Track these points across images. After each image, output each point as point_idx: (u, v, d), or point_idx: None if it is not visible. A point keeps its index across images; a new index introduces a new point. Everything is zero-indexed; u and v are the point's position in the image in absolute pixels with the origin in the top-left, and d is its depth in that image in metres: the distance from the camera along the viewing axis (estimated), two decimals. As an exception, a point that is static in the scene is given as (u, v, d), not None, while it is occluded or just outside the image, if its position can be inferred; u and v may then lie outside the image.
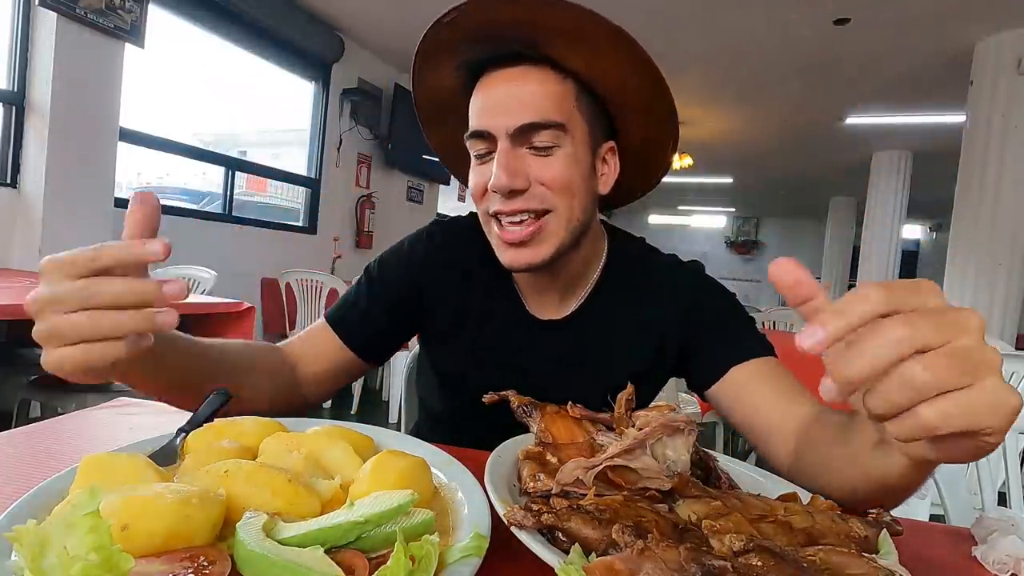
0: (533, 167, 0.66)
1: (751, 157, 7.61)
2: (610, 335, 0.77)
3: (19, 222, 2.85)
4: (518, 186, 0.65)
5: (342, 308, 0.80)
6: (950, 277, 4.05)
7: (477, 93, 0.69)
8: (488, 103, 0.67)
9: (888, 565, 0.37)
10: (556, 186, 0.67)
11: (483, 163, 0.69)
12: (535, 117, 0.65)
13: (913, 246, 12.02)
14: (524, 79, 0.66)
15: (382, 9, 4.12)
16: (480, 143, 0.68)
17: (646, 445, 0.48)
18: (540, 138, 0.66)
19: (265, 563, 0.31)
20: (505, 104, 0.66)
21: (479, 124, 0.68)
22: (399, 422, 3.39)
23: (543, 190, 0.67)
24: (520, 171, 0.66)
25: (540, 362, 0.77)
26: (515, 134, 0.65)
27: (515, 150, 0.66)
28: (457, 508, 0.43)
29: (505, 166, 0.65)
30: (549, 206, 0.67)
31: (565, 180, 0.67)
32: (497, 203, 0.67)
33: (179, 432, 0.51)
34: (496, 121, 0.66)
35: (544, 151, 0.66)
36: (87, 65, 2.93)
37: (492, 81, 0.68)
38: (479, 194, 0.70)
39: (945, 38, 3.80)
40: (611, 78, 0.68)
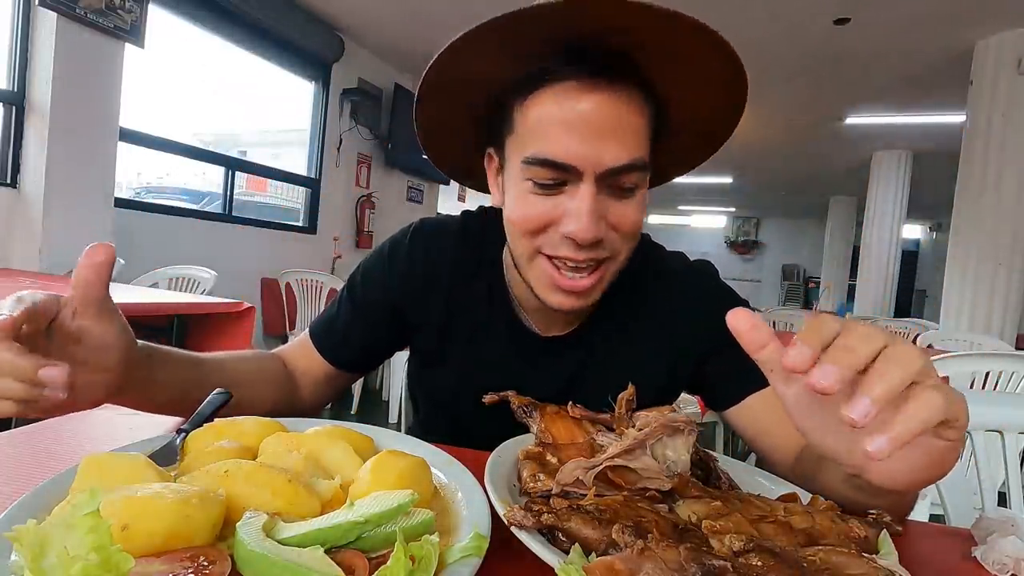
0: (611, 212, 0.58)
1: (751, 157, 7.61)
2: (621, 349, 0.72)
3: (19, 222, 2.85)
4: (600, 236, 0.57)
5: (324, 324, 0.77)
6: (950, 277, 4.05)
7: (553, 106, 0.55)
8: (572, 130, 0.55)
9: (888, 565, 0.37)
10: (630, 233, 0.59)
11: (549, 195, 0.58)
12: (629, 159, 0.55)
13: (913, 246, 12.02)
14: (619, 105, 0.55)
15: (382, 9, 4.12)
16: (551, 173, 0.56)
17: (646, 445, 0.48)
18: (629, 180, 0.57)
19: (265, 563, 0.31)
20: (596, 136, 0.54)
21: (562, 154, 0.55)
22: (399, 422, 3.39)
23: (615, 237, 0.59)
24: (602, 219, 0.57)
25: (543, 382, 0.70)
26: (604, 175, 0.55)
27: (599, 192, 0.56)
28: (457, 508, 0.43)
29: (592, 213, 0.55)
30: (614, 253, 0.60)
31: (639, 226, 0.60)
32: (565, 249, 0.58)
33: (179, 432, 0.51)
34: (587, 156, 0.54)
35: (626, 194, 0.58)
36: (87, 65, 2.93)
37: (579, 99, 0.55)
38: (535, 229, 0.59)
39: (945, 38, 3.79)
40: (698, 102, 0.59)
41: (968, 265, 3.90)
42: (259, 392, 0.67)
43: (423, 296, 0.74)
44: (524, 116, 0.58)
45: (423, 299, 0.74)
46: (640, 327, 0.72)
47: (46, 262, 2.82)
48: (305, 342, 0.77)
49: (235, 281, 3.38)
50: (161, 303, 1.62)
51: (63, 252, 2.87)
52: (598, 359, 0.72)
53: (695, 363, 0.72)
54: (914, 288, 11.95)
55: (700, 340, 0.70)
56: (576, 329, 0.72)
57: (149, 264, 2.85)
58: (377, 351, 0.80)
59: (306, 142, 4.78)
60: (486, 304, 0.73)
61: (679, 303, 0.72)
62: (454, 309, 0.74)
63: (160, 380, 0.56)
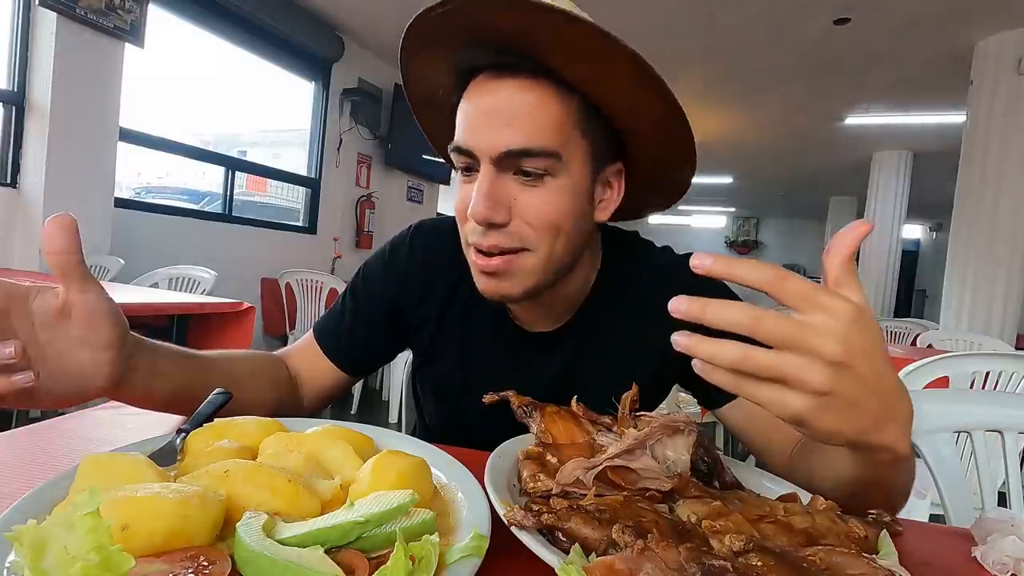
0: (518, 198, 0.59)
1: (751, 157, 7.62)
2: (609, 345, 0.73)
3: (19, 222, 2.86)
4: (497, 220, 0.58)
5: (329, 324, 0.78)
6: (950, 277, 4.05)
7: (466, 99, 0.61)
8: (474, 117, 0.59)
9: (888, 565, 0.37)
10: (539, 223, 0.59)
11: (467, 181, 0.62)
12: (525, 143, 0.57)
13: (913, 246, 12.02)
14: (520, 93, 0.57)
15: (382, 9, 4.12)
16: (463, 158, 0.61)
17: (646, 445, 0.48)
18: (529, 164, 0.58)
19: (265, 563, 0.31)
20: (492, 122, 0.58)
21: (461, 140, 0.60)
22: (399, 422, 3.38)
23: (523, 226, 0.59)
24: (502, 202, 0.58)
25: (533, 378, 0.72)
26: (499, 159, 0.58)
27: (500, 176, 0.58)
28: (457, 508, 0.43)
29: (486, 195, 0.57)
30: (527, 246, 0.60)
31: (551, 217, 0.59)
32: (475, 235, 0.60)
33: (179, 432, 0.51)
34: (480, 141, 0.58)
35: (532, 179, 0.59)
36: (87, 65, 2.93)
37: (483, 90, 0.59)
38: (461, 216, 0.62)
39: (945, 38, 3.80)
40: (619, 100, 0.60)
41: (968, 265, 3.91)
42: (259, 391, 0.67)
43: (421, 296, 0.76)
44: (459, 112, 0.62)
45: (421, 299, 0.76)
46: (628, 323, 0.72)
47: (46, 262, 2.82)
48: (310, 344, 0.78)
49: (235, 281, 3.38)
50: (161, 303, 1.62)
51: (63, 252, 2.87)
52: (586, 355, 0.73)
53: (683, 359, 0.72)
54: (914, 288, 11.95)
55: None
56: (562, 326, 0.73)
57: (149, 264, 2.85)
58: (380, 353, 0.81)
59: (306, 142, 4.78)
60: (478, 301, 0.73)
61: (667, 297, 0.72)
62: (449, 307, 0.75)
63: (163, 371, 0.56)
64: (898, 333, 4.29)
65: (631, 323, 0.73)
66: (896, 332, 4.30)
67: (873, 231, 6.52)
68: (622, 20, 3.66)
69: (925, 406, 0.84)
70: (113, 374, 0.49)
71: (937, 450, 0.85)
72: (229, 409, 0.56)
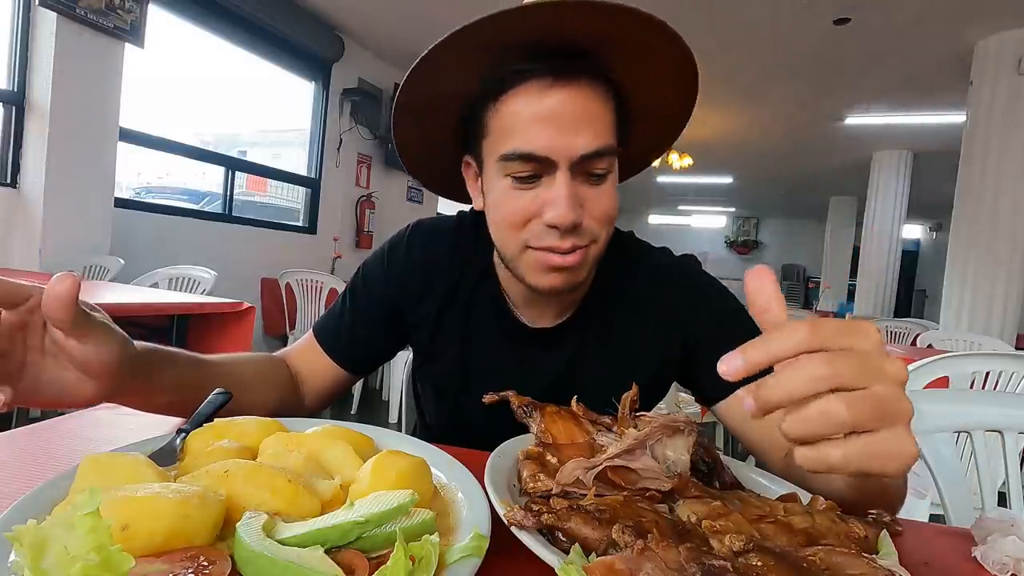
0: (588, 199, 0.61)
1: (751, 157, 7.62)
2: (609, 342, 0.74)
3: (19, 222, 2.86)
4: (580, 221, 0.60)
5: (329, 323, 0.79)
6: (950, 277, 4.05)
7: (524, 106, 0.59)
8: (549, 123, 0.58)
9: (888, 565, 0.37)
10: (605, 219, 0.62)
11: (527, 188, 0.61)
12: (600, 143, 0.58)
13: (913, 246, 12.03)
14: (585, 98, 0.58)
15: (382, 9, 4.12)
16: (527, 166, 0.59)
17: (646, 445, 0.48)
18: (598, 166, 0.60)
19: (265, 563, 0.31)
20: (566, 128, 0.57)
21: (536, 147, 0.58)
22: (399, 422, 3.38)
23: (591, 223, 0.62)
24: (579, 205, 0.60)
25: (535, 374, 0.74)
26: (576, 163, 0.58)
27: (574, 179, 0.60)
28: (457, 508, 0.43)
29: (571, 200, 0.58)
30: (594, 239, 0.63)
31: (612, 211, 0.63)
32: (550, 239, 0.61)
33: (179, 432, 0.51)
34: (560, 146, 0.57)
35: (598, 179, 0.61)
36: (87, 65, 2.93)
37: (547, 96, 0.58)
38: (520, 222, 0.62)
39: (945, 38, 3.80)
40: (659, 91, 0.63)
41: (968, 265, 3.91)
42: (261, 394, 0.67)
43: (420, 294, 0.76)
44: (497, 118, 0.61)
45: (420, 297, 0.76)
46: (627, 321, 0.74)
47: (46, 262, 2.82)
48: (310, 344, 0.78)
49: (235, 281, 3.38)
50: (161, 303, 1.62)
51: (63, 252, 2.87)
52: (587, 352, 0.74)
53: (681, 354, 0.74)
54: (914, 288, 11.95)
55: (686, 331, 0.72)
56: (563, 323, 0.74)
57: (149, 264, 2.85)
58: (380, 352, 0.81)
59: (306, 142, 4.78)
60: (478, 298, 0.75)
61: (664, 296, 0.74)
62: (449, 305, 0.75)
63: (159, 383, 0.56)
64: (898, 333, 4.29)
65: (630, 321, 0.74)
66: (896, 332, 4.30)
67: (872, 231, 6.53)
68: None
69: (925, 406, 0.83)
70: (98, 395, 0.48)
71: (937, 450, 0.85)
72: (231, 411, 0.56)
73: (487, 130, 0.63)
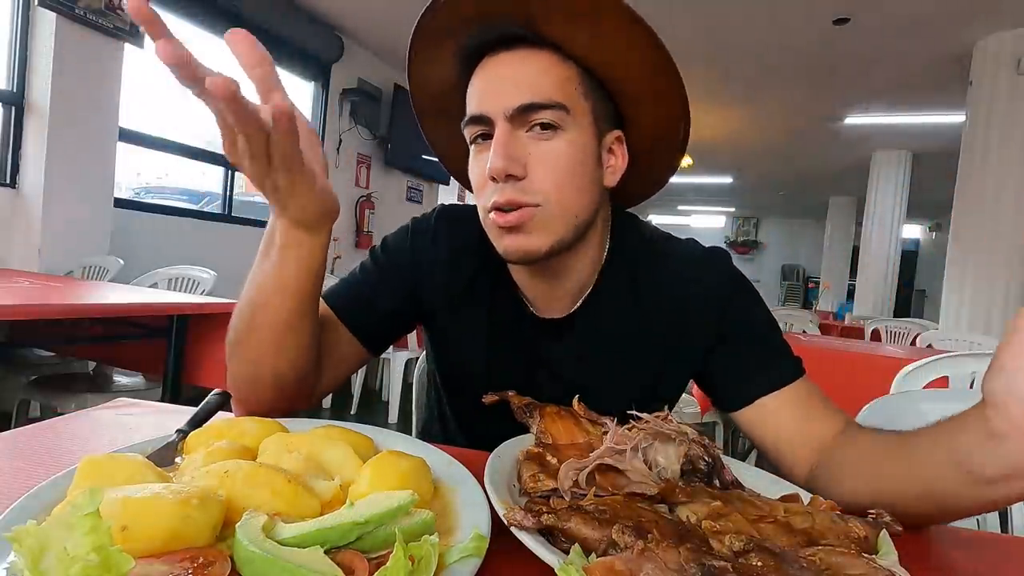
0: (532, 152, 0.61)
1: (751, 157, 7.62)
2: (622, 328, 0.72)
3: (19, 222, 2.85)
4: (515, 172, 0.60)
5: (347, 296, 0.74)
6: (950, 277, 4.06)
7: (475, 79, 0.65)
8: (486, 86, 0.63)
9: (888, 565, 0.37)
10: (554, 174, 0.62)
11: (481, 148, 0.65)
12: (535, 97, 0.61)
13: (913, 246, 12.03)
14: (524, 61, 0.62)
15: (382, 9, 4.12)
16: (477, 127, 0.64)
17: (638, 448, 0.48)
18: (541, 117, 0.61)
19: (265, 563, 0.31)
20: (504, 85, 0.62)
21: (476, 108, 0.63)
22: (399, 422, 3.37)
23: (538, 179, 0.61)
24: (518, 156, 0.61)
25: (549, 361, 0.73)
26: (514, 115, 0.61)
27: (514, 132, 0.61)
28: (457, 509, 0.43)
29: (502, 148, 0.60)
30: (543, 201, 0.62)
31: (564, 166, 0.62)
32: (492, 195, 0.62)
33: (179, 432, 0.51)
34: (494, 103, 0.62)
35: (544, 133, 0.61)
36: (87, 65, 2.93)
37: (490, 64, 0.64)
38: (479, 186, 0.65)
39: (945, 38, 3.80)
40: (616, 60, 0.63)
41: (968, 265, 3.91)
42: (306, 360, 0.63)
43: (443, 280, 0.75)
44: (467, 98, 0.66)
45: (442, 283, 0.75)
46: (644, 311, 0.72)
47: (46, 262, 2.82)
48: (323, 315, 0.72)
49: (235, 281, 3.36)
50: (161, 303, 1.62)
51: (63, 252, 2.87)
52: (598, 342, 0.72)
53: (704, 352, 0.71)
54: (914, 288, 11.95)
55: (709, 329, 0.70)
56: (573, 312, 0.73)
57: (149, 264, 2.85)
58: (395, 329, 0.78)
59: (306, 142, 4.77)
60: (498, 288, 0.75)
61: (689, 290, 0.71)
62: (470, 293, 0.75)
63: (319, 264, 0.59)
64: (898, 333, 4.29)
65: (652, 312, 0.72)
66: (896, 332, 4.30)
67: (872, 231, 6.52)
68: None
69: (925, 406, 0.83)
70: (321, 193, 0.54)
71: (937, 450, 0.85)
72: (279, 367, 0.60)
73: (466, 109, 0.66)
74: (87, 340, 1.79)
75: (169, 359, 1.66)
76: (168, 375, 1.66)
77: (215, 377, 1.72)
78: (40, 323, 1.53)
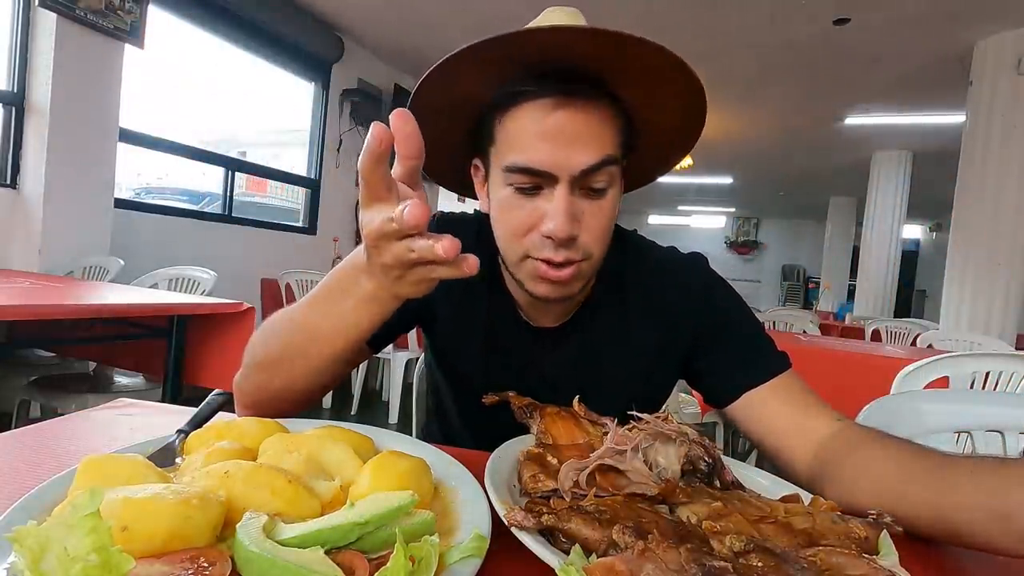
0: (586, 212, 0.62)
1: (751, 157, 7.61)
2: (613, 335, 0.75)
3: (19, 222, 2.85)
4: (576, 235, 0.61)
5: None
6: (950, 277, 4.05)
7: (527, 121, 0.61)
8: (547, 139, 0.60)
9: (888, 565, 0.37)
10: (602, 234, 0.64)
11: (527, 198, 0.63)
12: (598, 156, 0.60)
13: (913, 246, 12.02)
14: (588, 116, 0.60)
15: (382, 9, 4.12)
16: (529, 179, 0.61)
17: (639, 449, 0.48)
18: (598, 179, 0.61)
19: (265, 564, 0.31)
20: (569, 143, 0.59)
21: (537, 161, 0.60)
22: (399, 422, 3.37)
23: (590, 238, 0.63)
24: (577, 219, 0.61)
25: (544, 368, 0.75)
26: (577, 178, 0.60)
27: (573, 195, 0.61)
28: (457, 509, 0.43)
29: (569, 214, 0.60)
30: (590, 254, 0.64)
31: (609, 223, 0.64)
32: (547, 251, 0.62)
33: (179, 432, 0.51)
34: (561, 161, 0.59)
35: (598, 194, 0.62)
36: (87, 65, 2.93)
37: (552, 115, 0.60)
38: (521, 231, 0.64)
39: (945, 38, 3.80)
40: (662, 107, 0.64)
41: (968, 265, 3.91)
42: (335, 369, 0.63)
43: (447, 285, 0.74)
44: (504, 130, 0.63)
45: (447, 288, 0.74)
46: (631, 319, 0.75)
47: (46, 262, 2.82)
48: None
49: (235, 282, 3.37)
50: (161, 304, 1.62)
51: (63, 252, 2.87)
52: (590, 349, 0.75)
53: (687, 352, 0.74)
54: (914, 288, 11.95)
55: (693, 327, 0.73)
56: (566, 322, 0.75)
57: (149, 264, 2.84)
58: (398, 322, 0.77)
59: (306, 142, 4.78)
60: (491, 293, 0.77)
61: (671, 294, 0.75)
62: (470, 298, 0.77)
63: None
64: (898, 333, 4.29)
65: (636, 317, 0.75)
66: (896, 332, 4.30)
67: (872, 231, 6.52)
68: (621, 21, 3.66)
69: (925, 406, 0.84)
70: None
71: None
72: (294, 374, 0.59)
73: (495, 140, 0.65)
74: (87, 340, 1.79)
75: (169, 359, 1.66)
76: (168, 375, 1.66)
77: (215, 377, 1.72)
78: (40, 323, 1.53)
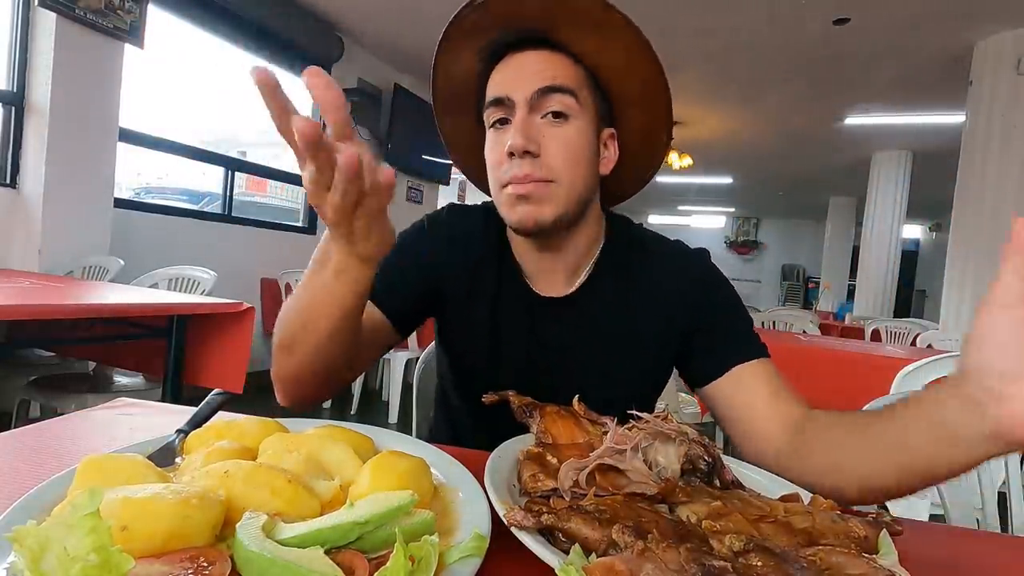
0: (547, 134, 0.70)
1: (751, 157, 7.61)
2: (615, 311, 0.79)
3: (19, 222, 2.85)
4: (532, 149, 0.69)
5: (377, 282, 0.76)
6: (950, 277, 4.05)
7: (497, 71, 0.74)
8: (508, 73, 0.72)
9: (888, 565, 0.37)
10: (564, 156, 0.70)
11: (500, 131, 0.73)
12: (553, 82, 0.70)
13: (913, 246, 12.02)
14: (543, 57, 0.72)
15: (382, 9, 4.12)
16: (498, 110, 0.72)
17: (638, 448, 0.48)
18: (555, 102, 0.70)
19: (265, 564, 0.31)
20: (525, 73, 0.71)
21: (499, 91, 0.72)
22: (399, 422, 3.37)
23: (550, 159, 0.70)
24: (534, 136, 0.69)
25: (548, 338, 0.79)
26: (533, 98, 0.69)
27: (531, 116, 0.70)
28: (457, 509, 0.43)
29: (523, 128, 0.69)
30: (554, 178, 0.70)
31: (575, 149, 0.71)
32: (510, 169, 0.70)
33: (179, 432, 0.51)
34: (515, 87, 0.70)
35: (558, 119, 0.70)
36: (87, 65, 2.93)
37: (513, 58, 0.73)
38: (496, 163, 0.73)
39: (945, 38, 3.80)
40: (618, 66, 0.73)
41: (968, 265, 3.91)
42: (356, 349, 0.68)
43: (459, 265, 0.82)
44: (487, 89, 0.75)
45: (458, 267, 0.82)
46: (634, 298, 0.79)
47: (46, 262, 2.82)
48: None
49: (234, 281, 3.38)
50: (160, 303, 1.62)
51: (63, 252, 2.87)
52: (593, 322, 0.79)
53: (680, 336, 0.79)
54: (914, 288, 11.95)
55: (688, 315, 0.78)
56: (572, 294, 0.80)
57: (148, 264, 2.84)
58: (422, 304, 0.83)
59: (306, 142, 4.77)
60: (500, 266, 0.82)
61: (674, 281, 0.80)
62: (479, 275, 0.82)
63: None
64: (898, 333, 4.29)
65: (638, 300, 0.79)
66: (896, 332, 4.30)
67: (872, 231, 6.52)
68: (622, 20, 3.64)
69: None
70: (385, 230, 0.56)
71: (937, 450, 0.85)
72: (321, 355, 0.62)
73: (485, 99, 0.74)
74: (87, 340, 1.79)
75: (169, 359, 1.66)
76: (168, 375, 1.66)
77: (215, 377, 1.72)
78: (40, 323, 1.53)
